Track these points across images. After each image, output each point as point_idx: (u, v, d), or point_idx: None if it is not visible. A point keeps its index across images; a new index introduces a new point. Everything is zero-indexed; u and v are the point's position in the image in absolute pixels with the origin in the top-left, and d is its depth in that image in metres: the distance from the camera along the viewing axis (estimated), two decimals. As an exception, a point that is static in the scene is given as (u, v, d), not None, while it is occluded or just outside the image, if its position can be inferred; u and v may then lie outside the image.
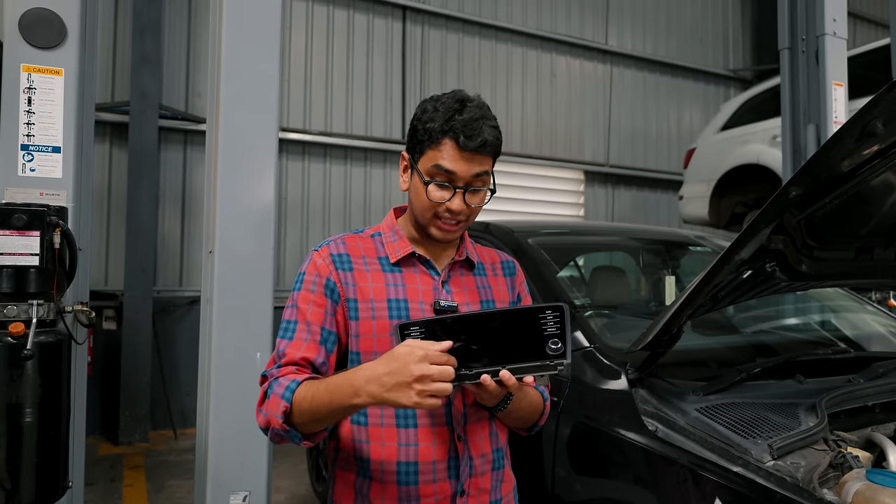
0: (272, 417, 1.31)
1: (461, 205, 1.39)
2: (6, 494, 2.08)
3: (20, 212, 2.18)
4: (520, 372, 1.24)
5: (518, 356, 1.24)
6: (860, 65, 4.98)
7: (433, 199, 1.39)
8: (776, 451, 1.53)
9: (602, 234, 3.74)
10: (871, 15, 10.42)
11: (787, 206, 1.61)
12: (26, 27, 2.42)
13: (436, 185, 1.39)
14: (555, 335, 1.24)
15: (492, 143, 1.39)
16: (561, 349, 1.24)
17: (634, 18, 8.75)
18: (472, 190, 1.40)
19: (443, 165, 1.37)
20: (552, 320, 1.25)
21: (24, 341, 2.11)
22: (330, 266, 1.44)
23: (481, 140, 1.36)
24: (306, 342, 1.40)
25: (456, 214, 1.40)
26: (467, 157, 1.37)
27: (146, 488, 4.61)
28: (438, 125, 1.37)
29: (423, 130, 1.40)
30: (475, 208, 1.43)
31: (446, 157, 1.37)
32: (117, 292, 5.81)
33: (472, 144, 1.35)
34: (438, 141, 1.38)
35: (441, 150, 1.38)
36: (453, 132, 1.36)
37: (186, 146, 6.34)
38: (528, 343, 1.25)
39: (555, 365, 1.24)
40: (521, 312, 1.29)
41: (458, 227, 1.44)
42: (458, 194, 1.39)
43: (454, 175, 1.37)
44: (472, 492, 1.44)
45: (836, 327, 2.94)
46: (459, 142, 1.35)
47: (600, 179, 8.56)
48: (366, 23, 7.14)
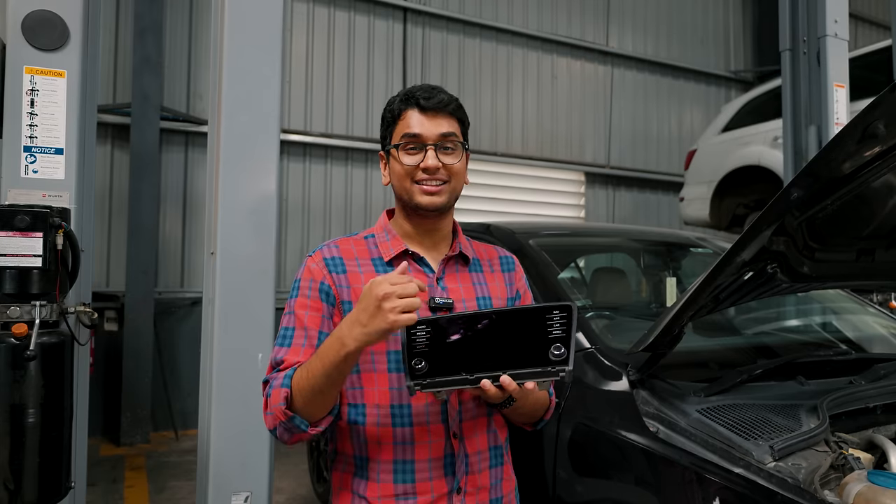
0: (276, 410, 1.31)
1: (435, 161, 1.43)
2: (9, 494, 2.08)
3: (23, 213, 2.19)
4: (521, 378, 1.23)
5: (520, 360, 1.23)
6: (861, 66, 4.99)
7: (407, 164, 1.44)
8: (777, 453, 1.53)
9: (603, 235, 3.74)
10: (872, 16, 10.42)
11: (789, 207, 1.61)
12: (29, 29, 2.43)
13: (407, 152, 1.45)
14: (559, 338, 1.23)
15: (451, 102, 1.47)
16: (564, 355, 1.22)
17: (635, 20, 8.75)
18: (443, 148, 1.44)
19: (409, 131, 1.44)
20: (559, 321, 1.24)
21: (27, 342, 2.12)
22: (323, 270, 1.45)
23: (438, 99, 1.44)
24: (304, 347, 1.41)
25: (433, 173, 1.43)
26: (430, 116, 1.44)
27: (147, 489, 4.61)
28: (398, 101, 1.48)
29: (388, 113, 1.50)
30: (452, 166, 1.46)
31: (411, 122, 1.45)
32: (119, 293, 5.81)
33: (430, 103, 1.44)
34: (401, 113, 1.46)
35: (405, 119, 1.46)
36: (413, 99, 1.45)
37: (188, 148, 6.35)
38: (531, 346, 1.24)
39: (556, 371, 1.23)
40: (528, 312, 1.28)
41: (441, 190, 1.45)
42: (429, 151, 1.43)
43: (421, 136, 1.43)
44: (470, 489, 1.44)
45: (837, 329, 2.94)
46: (420, 104, 1.44)
47: (601, 181, 8.56)
48: (367, 24, 7.14)
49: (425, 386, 1.25)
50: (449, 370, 1.25)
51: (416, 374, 1.25)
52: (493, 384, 1.23)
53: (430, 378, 1.25)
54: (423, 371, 1.25)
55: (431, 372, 1.25)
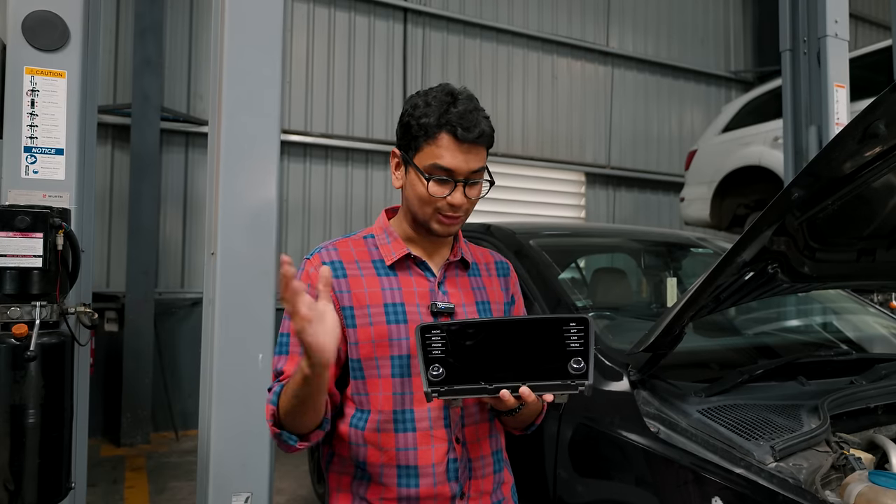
0: (268, 424, 1.33)
1: (462, 198, 1.39)
2: (9, 495, 2.08)
3: (23, 214, 2.19)
4: (540, 390, 1.22)
5: (539, 372, 1.22)
6: (862, 66, 4.99)
7: (434, 195, 1.38)
8: (778, 453, 1.53)
9: (603, 235, 3.74)
10: (872, 17, 10.42)
11: (790, 207, 1.61)
12: (29, 30, 2.43)
13: (435, 182, 1.38)
14: (577, 352, 1.22)
15: (488, 134, 1.40)
16: (583, 369, 1.21)
17: (635, 20, 8.75)
18: (470, 183, 1.40)
19: (441, 163, 1.36)
20: (575, 334, 1.22)
21: (28, 343, 2.12)
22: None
23: (479, 131, 1.36)
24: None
25: (456, 208, 1.40)
26: (465, 149, 1.37)
27: (148, 490, 4.61)
28: (434, 119, 1.37)
29: (417, 126, 1.39)
30: (474, 201, 1.43)
31: (445, 152, 1.36)
32: (119, 294, 5.81)
33: (470, 136, 1.35)
34: (435, 136, 1.37)
35: (438, 144, 1.37)
36: (450, 125, 1.35)
37: (188, 148, 6.35)
38: (549, 358, 1.22)
39: (576, 385, 1.21)
40: (544, 322, 1.27)
41: (458, 221, 1.44)
42: (458, 188, 1.38)
43: (453, 171, 1.37)
44: (473, 494, 1.44)
45: (838, 329, 2.94)
46: (458, 134, 1.35)
47: (601, 181, 8.56)
48: (367, 25, 7.15)
49: (443, 393, 1.22)
50: (467, 378, 1.23)
51: (433, 380, 1.22)
52: (512, 395, 1.22)
53: (448, 385, 1.22)
54: (440, 378, 1.22)
55: (449, 379, 1.22)
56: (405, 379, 1.40)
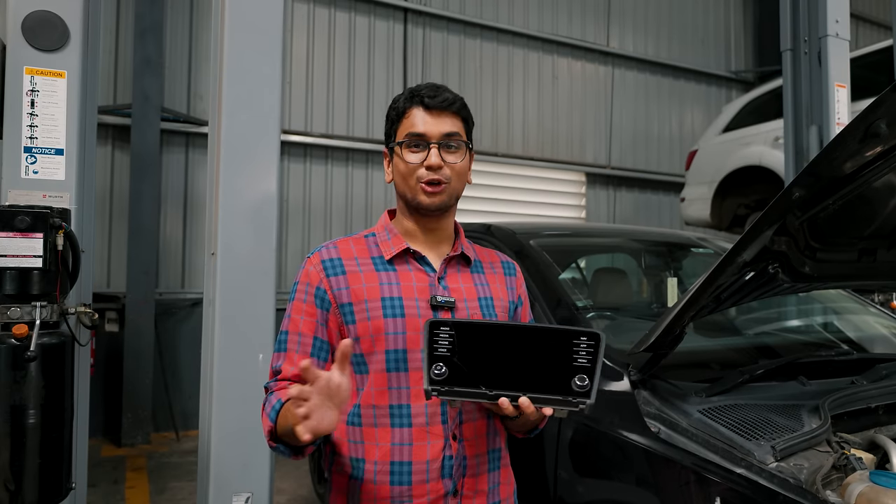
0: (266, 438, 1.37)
1: (438, 159, 1.43)
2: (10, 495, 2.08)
3: (23, 214, 2.19)
4: (540, 402, 1.20)
5: (542, 384, 1.20)
6: (863, 66, 4.98)
7: (410, 161, 1.44)
8: (779, 453, 1.53)
9: (604, 235, 3.74)
10: (873, 16, 10.41)
11: (790, 207, 1.61)
12: (29, 30, 2.43)
13: (410, 149, 1.45)
14: (584, 368, 1.20)
15: (455, 101, 1.47)
16: (587, 387, 1.18)
17: (636, 20, 8.75)
18: (446, 147, 1.45)
19: (413, 130, 1.44)
20: (585, 348, 1.20)
21: (28, 343, 2.12)
22: (320, 273, 1.45)
23: (444, 97, 1.45)
24: (299, 354, 1.43)
25: (436, 171, 1.43)
26: (434, 115, 1.44)
27: (148, 490, 4.61)
28: (403, 99, 1.48)
29: (393, 112, 1.50)
30: (455, 165, 1.46)
31: (415, 121, 1.45)
32: (119, 294, 5.81)
33: (435, 102, 1.44)
34: (406, 111, 1.47)
35: (410, 118, 1.46)
36: (417, 97, 1.46)
37: (188, 148, 6.35)
38: (554, 371, 1.20)
39: (577, 402, 1.19)
40: (556, 333, 1.25)
41: (443, 189, 1.45)
42: (432, 150, 1.43)
43: (425, 134, 1.44)
44: (467, 492, 1.43)
45: (838, 329, 2.94)
46: (424, 102, 1.44)
47: (602, 181, 8.56)
48: (367, 25, 7.14)
49: (443, 393, 1.21)
50: (468, 381, 1.21)
51: (434, 379, 1.21)
52: (511, 403, 1.21)
53: (449, 386, 1.21)
54: (442, 377, 1.21)
55: (451, 380, 1.21)
56: (400, 373, 1.40)
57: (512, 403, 1.21)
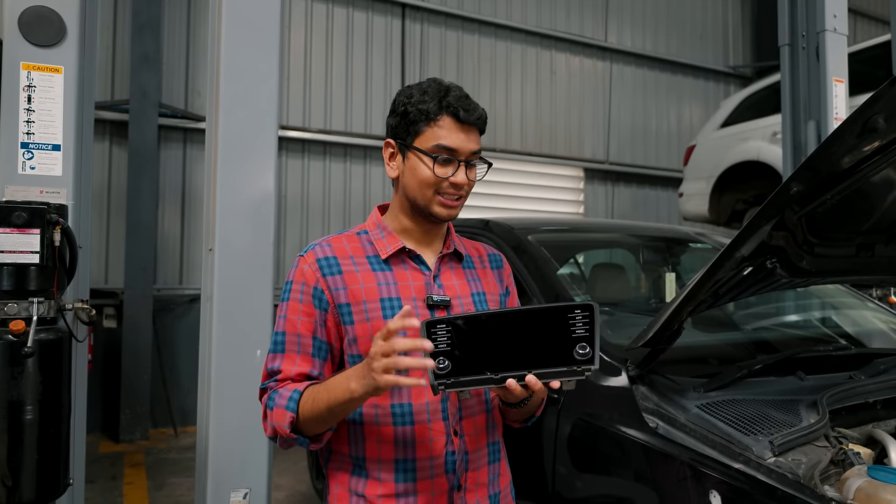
0: (279, 427, 1.35)
1: (465, 178, 1.43)
2: (7, 491, 2.08)
3: (20, 209, 2.18)
4: (546, 377, 1.22)
5: (544, 360, 1.22)
6: (861, 61, 4.98)
7: (439, 175, 1.41)
8: (777, 448, 1.53)
9: (602, 231, 3.74)
10: (871, 11, 10.41)
11: (788, 202, 1.61)
12: (26, 25, 2.41)
13: (440, 163, 1.42)
14: (583, 338, 1.22)
15: (485, 118, 1.47)
16: (589, 354, 1.21)
17: (634, 15, 8.73)
18: (472, 164, 1.45)
19: (445, 143, 1.41)
20: (581, 320, 1.22)
21: (25, 339, 2.11)
22: (317, 273, 1.43)
23: (478, 114, 1.43)
24: (300, 355, 1.42)
25: (459, 189, 1.44)
26: (465, 129, 1.43)
27: (147, 486, 4.61)
28: (434, 104, 1.42)
29: (416, 112, 1.43)
30: (473, 183, 1.47)
31: (447, 133, 1.41)
32: (117, 290, 5.81)
33: (471, 118, 1.42)
34: (436, 118, 1.42)
35: (440, 125, 1.42)
36: (451, 108, 1.41)
37: (186, 144, 6.34)
38: (555, 345, 1.22)
39: (582, 371, 1.22)
40: (550, 311, 1.26)
41: (459, 203, 1.47)
42: (461, 168, 1.43)
43: (456, 151, 1.42)
44: (470, 486, 1.44)
45: (836, 324, 2.94)
46: (460, 115, 1.41)
47: (600, 176, 8.56)
48: (365, 20, 7.13)
49: (449, 385, 1.22)
50: (473, 369, 1.23)
51: (439, 373, 1.21)
52: (519, 383, 1.22)
53: (454, 377, 1.22)
54: (446, 370, 1.21)
55: (455, 371, 1.22)
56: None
57: (520, 384, 1.22)
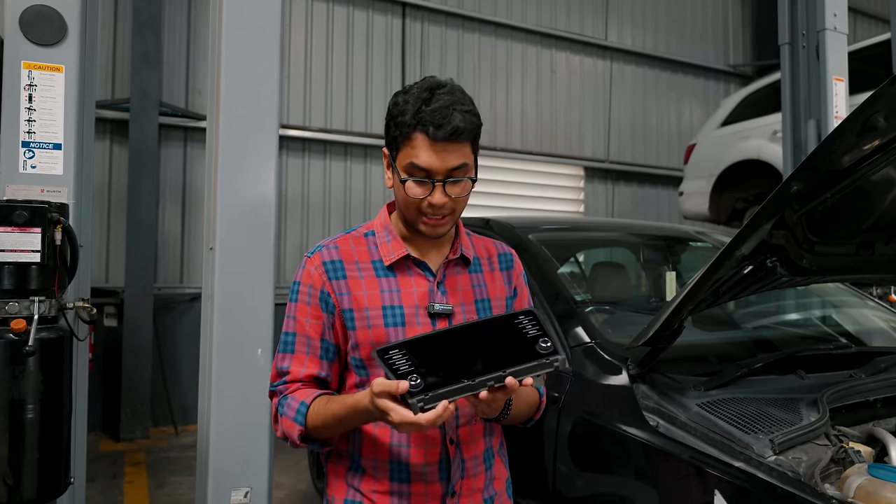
0: (290, 436, 1.39)
1: (442, 198, 1.35)
2: (8, 490, 2.08)
3: (21, 208, 2.18)
4: (520, 374, 1.21)
5: (511, 360, 1.22)
6: (861, 60, 4.98)
7: (413, 196, 1.35)
8: (778, 446, 1.53)
9: (602, 229, 3.74)
10: (871, 10, 10.40)
11: (789, 200, 1.61)
12: (27, 24, 2.41)
13: (414, 182, 1.35)
14: (539, 336, 1.22)
15: (465, 129, 1.32)
16: (551, 347, 1.22)
17: (634, 14, 8.73)
18: (451, 181, 1.35)
19: (417, 163, 1.33)
20: (529, 324, 1.23)
21: (26, 338, 2.11)
22: (323, 276, 1.43)
23: (452, 128, 1.30)
24: (308, 356, 1.43)
25: (439, 208, 1.36)
26: (440, 147, 1.31)
27: (147, 485, 4.61)
28: (408, 118, 1.32)
29: (394, 126, 1.36)
30: (458, 199, 1.38)
31: (420, 153, 1.32)
32: (118, 289, 5.81)
33: (441, 134, 1.30)
34: (409, 135, 1.33)
35: (414, 145, 1.33)
36: (422, 124, 1.31)
37: (187, 143, 6.34)
38: (516, 347, 1.22)
39: (550, 362, 1.22)
40: (495, 322, 1.28)
41: (446, 221, 1.40)
42: (437, 188, 1.34)
43: (429, 171, 1.33)
44: (464, 492, 1.44)
45: (837, 322, 2.94)
46: (430, 133, 1.30)
47: (600, 175, 8.55)
48: (365, 19, 7.13)
49: (428, 400, 1.18)
50: (446, 381, 1.20)
51: (414, 391, 1.18)
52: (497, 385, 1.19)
53: (431, 391, 1.19)
54: (419, 387, 1.18)
55: (429, 387, 1.19)
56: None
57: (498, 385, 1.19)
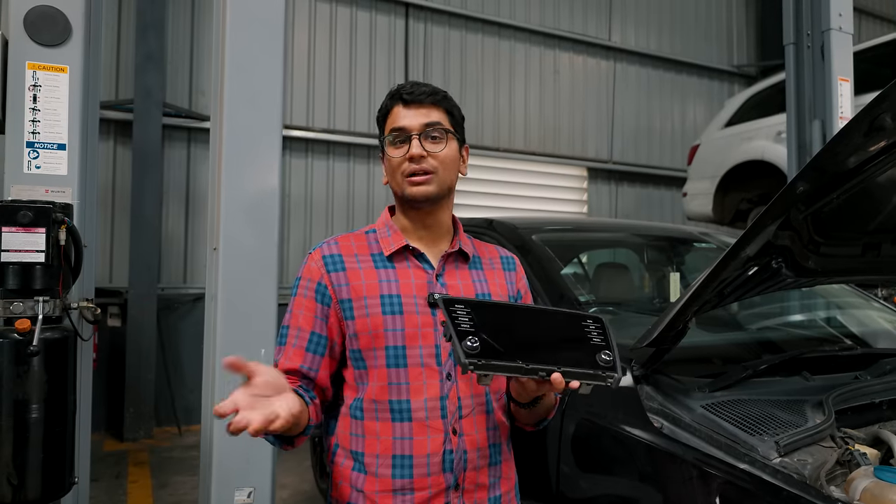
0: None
1: (419, 149, 1.44)
2: (13, 490, 2.08)
3: (26, 209, 2.19)
4: (572, 377, 1.21)
5: (570, 360, 1.22)
6: (866, 60, 4.96)
7: (394, 156, 1.47)
8: (783, 448, 1.52)
9: (606, 230, 3.73)
10: (876, 10, 10.38)
11: (794, 201, 1.60)
12: (31, 24, 2.42)
13: (393, 146, 1.47)
14: (603, 346, 1.23)
15: (434, 93, 1.48)
16: (612, 362, 1.22)
17: (638, 14, 8.72)
18: (428, 137, 1.46)
19: (394, 125, 1.47)
20: (595, 330, 1.24)
21: (30, 338, 2.12)
22: (322, 269, 1.47)
23: (420, 91, 1.47)
24: (294, 348, 1.46)
25: (419, 162, 1.44)
26: (413, 108, 1.46)
27: (151, 484, 4.62)
28: (387, 100, 1.51)
29: (379, 113, 1.54)
30: (438, 154, 1.46)
31: (396, 119, 1.48)
32: (122, 289, 5.82)
33: (412, 96, 1.46)
34: (389, 110, 1.50)
35: (392, 115, 1.49)
36: (397, 95, 1.49)
37: (190, 144, 6.35)
38: (577, 348, 1.23)
39: (605, 376, 1.21)
40: (562, 314, 1.30)
41: (430, 178, 1.45)
42: (413, 141, 1.44)
43: (405, 128, 1.46)
44: (468, 486, 1.44)
45: (842, 324, 2.93)
46: (403, 98, 1.47)
47: (604, 176, 8.54)
48: (369, 20, 7.13)
49: (479, 366, 1.18)
50: (501, 355, 1.20)
51: (469, 353, 1.17)
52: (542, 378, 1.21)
53: (485, 359, 1.18)
54: (476, 350, 1.17)
55: (485, 353, 1.18)
56: (400, 370, 1.42)
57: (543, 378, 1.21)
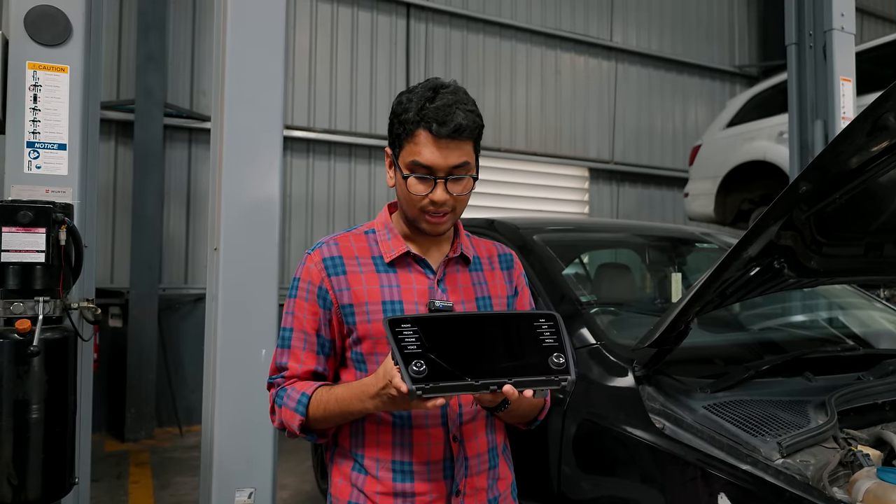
0: (288, 426, 1.41)
1: (443, 195, 1.37)
2: (13, 490, 2.08)
3: (26, 209, 2.18)
4: (522, 386, 1.18)
5: (521, 368, 1.19)
6: (868, 60, 4.96)
7: (414, 193, 1.38)
8: (785, 449, 1.52)
9: (607, 231, 3.72)
10: (878, 10, 10.36)
11: (797, 201, 1.59)
12: (32, 24, 2.42)
13: (416, 179, 1.38)
14: (554, 347, 1.20)
15: (468, 127, 1.36)
16: (564, 364, 1.19)
17: (639, 15, 8.71)
18: (453, 179, 1.38)
19: (419, 160, 1.35)
20: (547, 329, 1.21)
21: (31, 338, 2.11)
22: (322, 273, 1.44)
23: (455, 125, 1.33)
24: (304, 352, 1.45)
25: (440, 206, 1.38)
26: (443, 145, 1.34)
27: (152, 485, 4.62)
28: (412, 115, 1.36)
29: (398, 124, 1.39)
30: (459, 197, 1.40)
31: (422, 150, 1.35)
32: (123, 290, 5.82)
33: (445, 131, 1.33)
34: (413, 133, 1.36)
35: (417, 142, 1.36)
36: (426, 121, 1.34)
37: (191, 144, 6.35)
38: (528, 353, 1.20)
39: (558, 380, 1.18)
40: (514, 318, 1.26)
41: (447, 219, 1.42)
42: (439, 185, 1.37)
43: (432, 168, 1.36)
44: (469, 491, 1.44)
45: (844, 324, 2.92)
46: (433, 130, 1.33)
47: (605, 176, 8.54)
48: (370, 20, 7.13)
49: (427, 391, 1.13)
50: (450, 374, 1.16)
51: (416, 377, 1.13)
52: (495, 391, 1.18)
53: (433, 382, 1.14)
54: (423, 374, 1.13)
55: (432, 376, 1.14)
56: None
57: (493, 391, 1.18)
